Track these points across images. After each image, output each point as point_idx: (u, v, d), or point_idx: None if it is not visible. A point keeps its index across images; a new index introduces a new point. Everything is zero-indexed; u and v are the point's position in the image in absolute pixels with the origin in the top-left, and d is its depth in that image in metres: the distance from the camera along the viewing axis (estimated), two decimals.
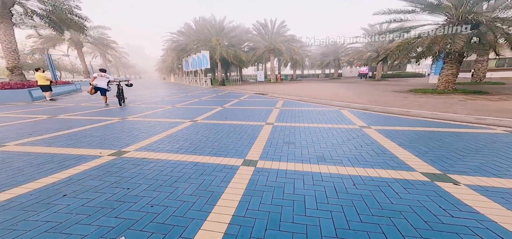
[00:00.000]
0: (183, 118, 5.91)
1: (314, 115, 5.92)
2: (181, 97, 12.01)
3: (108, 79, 8.24)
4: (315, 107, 7.21)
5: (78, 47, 26.10)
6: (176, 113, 6.75)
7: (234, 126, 4.91)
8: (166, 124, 5.33)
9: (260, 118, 5.64)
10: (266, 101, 9.29)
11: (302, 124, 5.00)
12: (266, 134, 4.24)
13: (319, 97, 9.95)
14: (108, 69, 47.22)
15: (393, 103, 7.69)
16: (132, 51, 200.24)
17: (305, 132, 4.31)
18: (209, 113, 6.68)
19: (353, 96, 10.08)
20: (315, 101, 8.77)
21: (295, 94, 11.66)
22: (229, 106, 7.95)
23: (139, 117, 6.17)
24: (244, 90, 15.34)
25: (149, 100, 10.68)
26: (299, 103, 8.26)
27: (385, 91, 12.14)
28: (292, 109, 7.03)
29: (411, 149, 3.25)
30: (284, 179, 2.50)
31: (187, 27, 27.64)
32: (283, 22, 25.57)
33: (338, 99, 9.00)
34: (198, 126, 5.05)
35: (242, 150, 3.45)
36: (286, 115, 6.04)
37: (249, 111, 6.84)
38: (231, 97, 11.13)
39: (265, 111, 6.68)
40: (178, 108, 7.88)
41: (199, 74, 24.62)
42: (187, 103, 9.28)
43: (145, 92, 16.08)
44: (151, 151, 3.45)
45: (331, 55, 36.47)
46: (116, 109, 7.84)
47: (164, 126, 5.12)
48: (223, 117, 5.98)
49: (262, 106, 7.85)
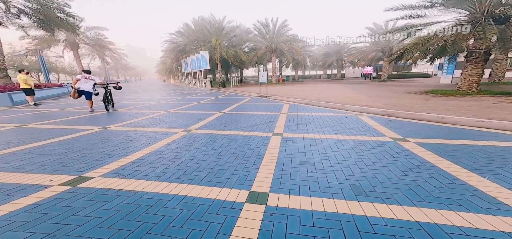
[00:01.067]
0: (176, 127, 5.03)
1: (330, 122, 5.02)
2: (178, 100, 11.14)
3: (94, 81, 7.39)
4: (327, 113, 6.31)
5: (74, 49, 25.35)
6: (169, 121, 5.86)
7: (235, 138, 4.02)
8: (154, 135, 4.44)
9: (266, 127, 4.75)
10: (270, 105, 8.40)
11: (318, 134, 4.10)
12: (275, 150, 3.34)
13: (328, 100, 9.05)
14: (107, 71, 46.53)
15: (415, 107, 6.78)
16: (134, 53, 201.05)
17: (325, 147, 3.41)
18: (206, 120, 5.79)
19: (366, 99, 9.17)
20: (325, 105, 7.87)
21: (301, 97, 10.77)
22: (230, 112, 7.07)
23: (124, 126, 5.29)
24: (245, 93, 14.47)
25: (142, 104, 9.82)
26: (308, 108, 7.36)
27: (398, 93, 11.22)
28: (301, 115, 6.13)
29: (492, 175, 2.33)
30: (311, 227, 1.61)
31: (186, 28, 26.87)
32: (284, 21, 24.76)
33: (351, 103, 8.10)
34: (192, 137, 4.16)
35: (246, 175, 2.56)
36: (295, 123, 5.14)
37: (252, 118, 5.94)
38: (232, 101, 10.25)
39: (270, 118, 5.78)
40: (172, 114, 7.00)
41: (199, 76, 23.80)
42: (183, 107, 8.40)
43: (140, 95, 15.24)
44: (124, 176, 2.56)
45: (333, 56, 35.59)
46: (102, 115, 6.98)
47: (151, 137, 4.23)
48: (222, 125, 5.09)
49: (267, 111, 6.96)
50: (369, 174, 2.47)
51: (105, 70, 41.24)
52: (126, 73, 73.10)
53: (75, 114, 7.26)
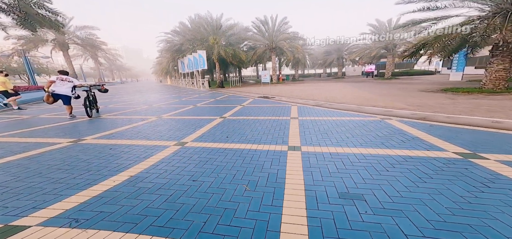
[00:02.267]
0: (167, 139, 4.09)
1: (355, 130, 4.12)
2: (173, 103, 10.18)
3: (72, 83, 6.40)
4: (346, 117, 5.42)
5: (63, 49, 24.12)
6: (160, 130, 4.92)
7: (241, 154, 3.10)
8: (139, 150, 3.50)
9: (278, 138, 3.84)
10: (275, 108, 7.49)
11: (348, 147, 3.19)
12: (297, 173, 2.43)
13: (339, 101, 8.16)
14: (101, 72, 45.17)
15: (448, 108, 5.92)
16: (130, 54, 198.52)
17: (366, 167, 2.50)
18: (204, 128, 4.86)
19: (381, 98, 8.31)
20: (339, 106, 6.98)
21: (307, 97, 9.88)
22: (231, 116, 6.14)
23: (103, 138, 4.34)
24: (245, 93, 13.55)
25: (132, 108, 8.84)
26: (320, 111, 6.47)
27: (412, 91, 10.37)
28: (315, 120, 5.23)
29: None
30: None
31: (182, 27, 25.82)
32: (284, 18, 23.84)
33: (367, 103, 7.22)
34: (187, 154, 3.23)
35: (264, 220, 1.65)
36: (312, 130, 4.24)
37: (258, 124, 5.03)
38: (232, 103, 9.32)
39: (280, 125, 4.87)
40: (164, 121, 6.05)
41: (196, 76, 22.80)
42: (178, 112, 7.45)
43: (133, 97, 14.23)
44: (78, 225, 1.62)
45: (334, 54, 34.78)
46: (81, 123, 5.99)
47: (134, 154, 3.29)
48: (223, 136, 4.17)
49: (273, 115, 6.05)
50: (470, 218, 1.57)
51: (99, 71, 39.96)
52: (122, 74, 71.48)
53: (51, 121, 6.27)
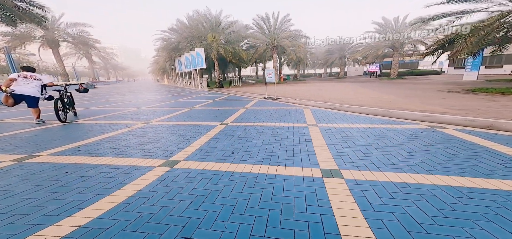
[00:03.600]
0: (152, 155, 3.02)
1: (407, 143, 3.08)
2: (167, 105, 9.09)
3: (40, 82, 5.29)
4: (378, 124, 4.39)
5: (53, 47, 22.80)
6: (146, 141, 3.85)
7: (256, 185, 2.04)
8: (106, 174, 2.43)
9: (301, 154, 2.79)
10: (285, 111, 6.45)
11: (419, 174, 2.13)
12: (358, 225, 1.37)
13: (356, 103, 7.14)
14: (96, 71, 43.72)
15: (502, 113, 4.93)
16: (128, 54, 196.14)
17: (500, 221, 1.45)
18: (201, 139, 3.80)
19: (407, 101, 7.29)
20: (359, 110, 5.96)
21: (317, 99, 8.85)
22: (234, 122, 5.08)
23: (63, 154, 3.25)
24: (247, 94, 12.49)
25: (119, 111, 7.74)
26: (340, 116, 5.43)
27: (434, 92, 9.38)
28: (340, 128, 4.19)
29: None
30: None
31: (179, 24, 24.66)
32: (287, 15, 22.83)
33: (395, 107, 6.20)
34: (178, 184, 2.16)
35: None
36: (344, 143, 3.19)
37: (269, 133, 3.98)
38: (234, 105, 8.26)
39: (297, 134, 3.83)
40: (153, 127, 4.98)
41: (194, 75, 21.69)
42: (172, 116, 6.38)
43: (124, 98, 13.09)
44: None
45: (336, 53, 33.84)
46: (48, 130, 4.89)
47: (95, 183, 2.22)
48: (227, 151, 3.11)
49: (285, 121, 5.01)
50: None
51: (93, 71, 38.48)
52: (118, 74, 69.84)
53: (11, 128, 5.13)
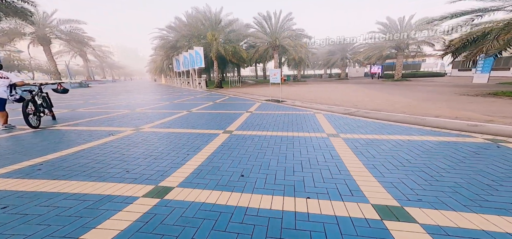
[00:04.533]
0: (136, 178, 2.25)
1: (475, 165, 2.34)
2: (162, 107, 8.30)
3: (8, 80, 4.49)
4: (416, 135, 3.66)
5: (44, 44, 21.78)
6: (130, 155, 3.08)
7: (284, 229, 1.29)
8: (68, 213, 1.65)
9: (336, 179, 2.04)
10: (295, 116, 5.71)
11: None
12: None
13: (373, 107, 6.42)
14: (91, 70, 42.55)
15: None
16: (126, 53, 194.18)
17: None
18: (201, 155, 3.04)
19: (429, 106, 6.59)
20: (382, 117, 5.24)
21: (327, 102, 8.13)
22: (239, 131, 4.32)
23: (13, 178, 2.46)
24: (249, 95, 11.74)
25: (108, 113, 6.93)
26: (362, 123, 4.70)
27: (451, 95, 8.67)
28: (370, 139, 3.45)
29: None
30: None
31: (178, 22, 23.83)
32: (289, 14, 22.10)
33: (418, 112, 5.49)
34: (169, 224, 1.40)
35: None
36: (387, 163, 2.45)
37: (284, 145, 3.23)
38: (236, 107, 7.50)
39: (317, 146, 3.08)
40: (144, 135, 4.20)
41: (192, 75, 20.88)
42: (165, 121, 5.61)
43: (116, 99, 12.25)
44: None
45: (338, 54, 33.22)
46: (11, 139, 4.08)
47: (48, 229, 1.44)
48: (235, 172, 2.35)
49: (300, 130, 4.27)
50: None
51: (88, 69, 37.28)
52: (114, 72, 68.46)
53: None
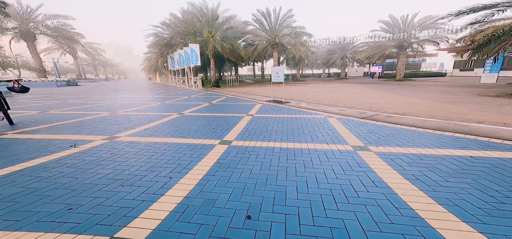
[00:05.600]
0: (75, 226, 1.36)
1: None
2: (149, 109, 7.37)
3: None
4: (470, 147, 2.84)
5: (29, 40, 20.44)
6: (86, 181, 2.18)
7: None
8: None
9: (391, 222, 1.20)
10: (303, 121, 4.87)
11: None
12: None
13: (391, 110, 5.62)
14: (83, 68, 40.98)
15: None
16: (120, 51, 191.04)
17: None
18: (189, 180, 2.15)
19: (455, 108, 5.82)
20: (409, 122, 4.44)
21: (336, 104, 7.32)
22: (239, 141, 3.46)
23: None
24: (248, 95, 10.87)
25: (81, 116, 5.98)
26: (390, 131, 3.89)
27: (468, 96, 7.94)
28: (419, 154, 2.63)
29: None
30: None
31: (173, 19, 22.76)
32: (289, 11, 21.26)
33: (449, 117, 4.70)
34: None
35: None
36: (482, 201, 1.62)
37: (299, 163, 2.37)
38: (235, 110, 6.63)
39: (346, 165, 2.24)
40: (116, 147, 3.31)
41: (187, 73, 19.89)
42: (151, 126, 4.70)
43: (102, 98, 11.24)
44: None
45: (338, 53, 32.58)
46: None
47: None
48: (239, 211, 1.49)
49: (315, 141, 3.43)
50: None
51: (79, 67, 35.69)
52: (107, 71, 66.55)
53: None
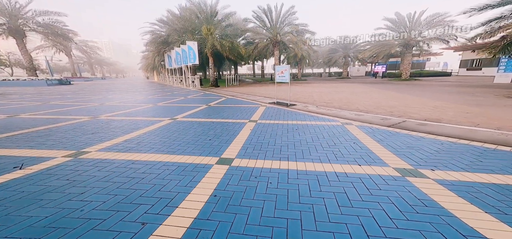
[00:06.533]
0: None
1: None
2: (138, 113, 6.55)
3: None
4: None
5: (17, 37, 19.50)
6: (18, 223, 1.36)
7: None
8: None
9: None
10: (317, 129, 4.08)
11: None
12: None
13: (415, 115, 4.84)
14: (78, 66, 40.00)
15: None
16: (119, 49, 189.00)
17: None
18: (169, 233, 1.34)
19: (489, 113, 5.05)
20: (448, 132, 3.65)
21: (348, 107, 6.53)
22: (243, 158, 2.65)
23: None
24: (250, 96, 10.06)
25: (55, 121, 5.16)
26: (436, 144, 3.11)
27: (489, 97, 7.17)
28: (504, 184, 1.84)
29: None
30: None
31: (170, 15, 21.89)
32: (292, 7, 20.41)
33: (496, 126, 3.92)
34: None
35: None
36: None
37: (329, 199, 1.58)
38: (235, 114, 5.82)
39: (403, 204, 1.45)
40: (79, 168, 2.49)
41: (185, 72, 19.05)
42: (134, 135, 3.90)
43: (89, 98, 10.40)
44: None
45: (341, 52, 31.79)
46: None
47: None
48: None
49: (341, 159, 2.64)
50: None
51: (73, 65, 34.61)
52: (105, 69, 65.38)
53: None
